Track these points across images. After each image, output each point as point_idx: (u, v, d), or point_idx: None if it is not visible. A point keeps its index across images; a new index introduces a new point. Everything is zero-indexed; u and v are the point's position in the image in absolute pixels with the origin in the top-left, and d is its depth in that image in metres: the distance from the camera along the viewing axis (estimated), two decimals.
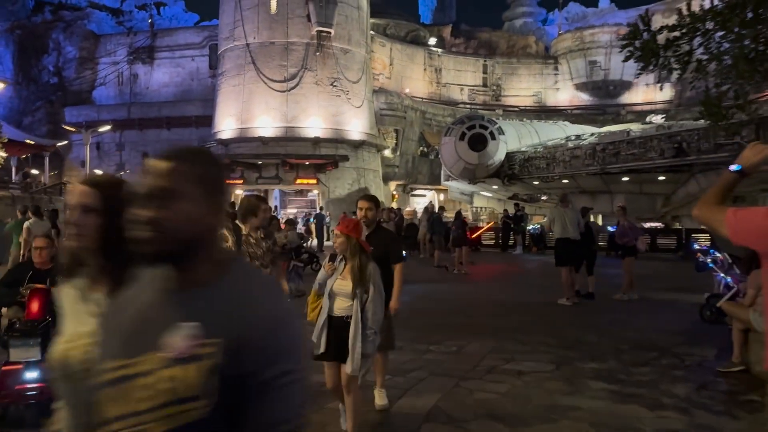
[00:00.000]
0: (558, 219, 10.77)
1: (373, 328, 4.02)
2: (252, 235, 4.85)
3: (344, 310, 4.06)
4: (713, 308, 8.64)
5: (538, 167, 25.81)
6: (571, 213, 10.89)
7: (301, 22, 34.16)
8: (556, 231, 10.72)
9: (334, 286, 4.15)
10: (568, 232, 10.58)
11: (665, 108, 47.57)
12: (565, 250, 10.62)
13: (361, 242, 4.09)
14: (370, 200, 4.97)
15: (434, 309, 10.27)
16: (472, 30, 58.89)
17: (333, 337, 4.11)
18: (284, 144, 33.14)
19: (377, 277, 4.08)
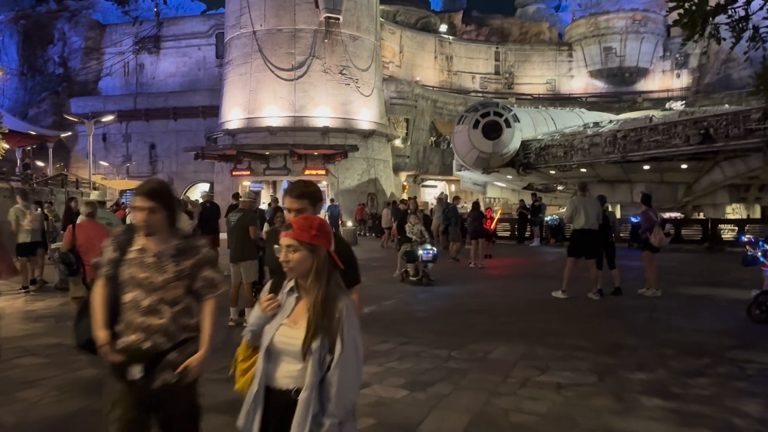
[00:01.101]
0: (580, 208, 10.11)
1: (337, 417, 2.27)
2: None
3: (291, 379, 2.36)
4: (764, 306, 7.81)
5: (555, 156, 24.87)
6: (592, 202, 10.41)
7: (309, 9, 33.31)
8: (578, 221, 10.07)
9: (275, 337, 2.41)
10: (590, 222, 9.99)
11: (683, 95, 46.33)
12: (582, 241, 10.09)
13: (333, 257, 2.43)
14: (302, 197, 3.12)
15: (453, 307, 9.49)
16: (483, 17, 57.74)
17: (272, 424, 2.37)
18: (292, 134, 32.38)
19: (352, 322, 2.40)
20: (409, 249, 12.00)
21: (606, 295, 10.18)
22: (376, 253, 20.18)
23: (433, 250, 11.92)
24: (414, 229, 12.11)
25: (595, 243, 10.14)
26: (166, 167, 41.41)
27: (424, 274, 11.79)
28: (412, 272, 12.03)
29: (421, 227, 12.29)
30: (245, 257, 8.04)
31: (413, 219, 12.31)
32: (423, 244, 11.91)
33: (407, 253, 12.03)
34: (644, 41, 49.71)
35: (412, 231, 12.09)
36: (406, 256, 12.06)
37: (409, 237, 12.07)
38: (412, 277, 11.96)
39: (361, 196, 32.81)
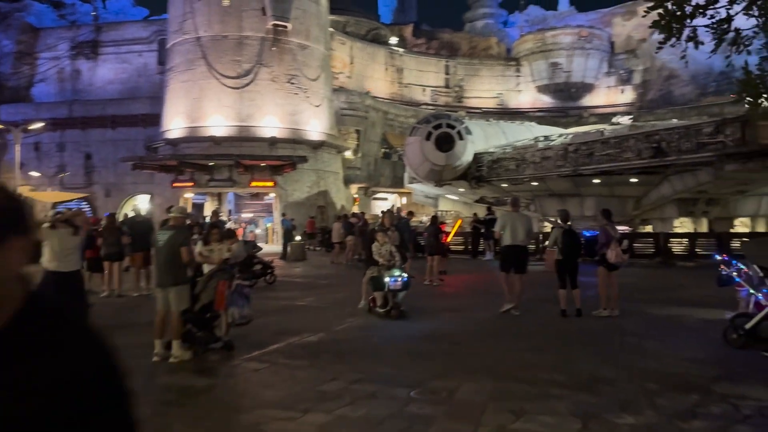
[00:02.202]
0: (508, 224, 10.30)
1: None
2: None
3: None
4: (741, 330, 7.30)
5: (507, 169, 24.57)
6: (521, 218, 10.58)
7: (256, 15, 32.30)
8: (505, 237, 10.28)
9: None
10: (517, 238, 10.18)
11: (627, 111, 47.30)
12: (509, 255, 10.32)
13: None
14: None
15: (410, 332, 8.68)
16: (433, 30, 57.86)
17: None
18: (238, 144, 31.14)
19: None
20: (375, 274, 10.00)
21: (570, 317, 9.63)
22: (325, 269, 19.25)
23: (403, 276, 9.78)
24: (382, 250, 10.16)
25: (522, 258, 10.31)
26: (103, 178, 39.28)
27: (394, 305, 9.67)
28: (379, 302, 9.84)
29: (391, 247, 10.31)
30: (175, 282, 7.02)
31: (381, 237, 10.36)
32: (391, 269, 9.85)
33: (373, 279, 10.03)
34: (590, 57, 50.70)
35: (380, 252, 10.15)
36: (372, 283, 10.05)
37: (375, 260, 10.13)
38: (380, 308, 9.83)
39: (311, 209, 31.79)
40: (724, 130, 16.63)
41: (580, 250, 10.20)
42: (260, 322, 8.95)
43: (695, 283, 14.71)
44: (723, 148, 16.67)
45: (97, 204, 39.09)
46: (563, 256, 10.07)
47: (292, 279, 16.24)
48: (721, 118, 18.67)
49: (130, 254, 12.95)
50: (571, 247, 10.02)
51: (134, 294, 12.51)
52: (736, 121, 16.49)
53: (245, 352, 7.37)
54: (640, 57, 49.71)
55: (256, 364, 6.89)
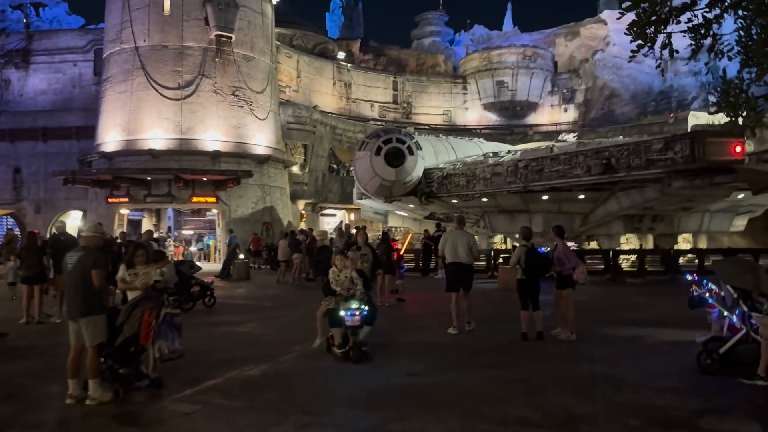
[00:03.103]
0: (449, 241, 10.26)
1: None
2: None
3: None
4: (715, 355, 6.87)
5: (457, 185, 24.18)
6: (463, 236, 10.37)
7: (198, 26, 31.17)
8: (447, 254, 10.26)
9: None
10: (457, 255, 10.07)
11: (570, 129, 48.23)
12: (453, 274, 10.27)
13: None
14: None
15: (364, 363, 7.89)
16: (381, 47, 57.75)
17: None
18: (178, 158, 29.76)
19: None
20: (331, 307, 8.18)
21: (531, 340, 9.10)
22: (271, 289, 18.23)
23: (362, 308, 7.86)
24: (340, 277, 8.30)
25: (464, 275, 10.18)
26: (33, 193, 36.98)
27: (354, 344, 7.74)
28: (337, 341, 8.00)
29: (352, 273, 8.39)
30: (86, 311, 6.04)
31: (340, 260, 8.46)
32: (349, 300, 8.00)
33: (329, 313, 8.19)
34: (534, 76, 51.57)
35: (337, 279, 8.31)
36: (329, 317, 8.20)
37: (333, 289, 8.29)
38: (337, 348, 7.98)
39: (256, 226, 30.62)
40: (673, 146, 16.68)
41: (543, 269, 9.67)
42: (195, 353, 8.01)
43: (649, 300, 14.55)
44: (672, 164, 16.71)
45: (26, 221, 36.74)
46: (525, 276, 9.61)
47: (234, 301, 15.19)
48: (670, 135, 18.82)
49: (51, 276, 11.73)
50: (534, 267, 9.52)
51: (57, 320, 11.25)
52: (685, 138, 16.58)
53: (176, 390, 6.44)
54: (582, 77, 50.90)
55: (187, 406, 5.98)
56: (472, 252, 10.25)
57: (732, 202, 22.84)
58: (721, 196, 20.80)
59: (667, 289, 17.21)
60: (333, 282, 8.34)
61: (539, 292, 9.59)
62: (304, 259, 19.87)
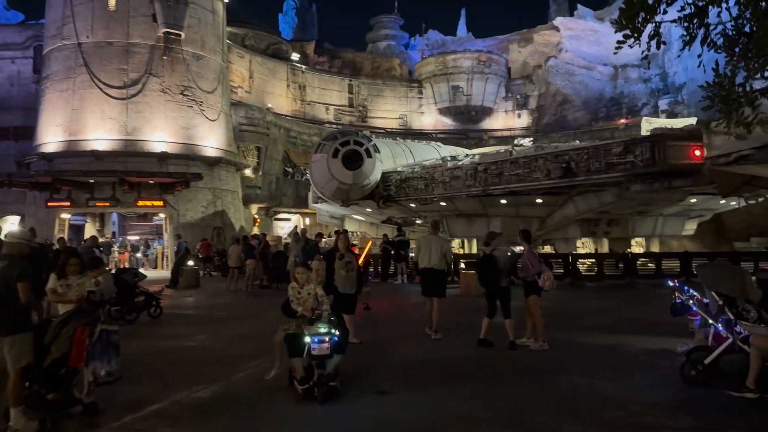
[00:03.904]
0: (422, 246, 10.22)
1: None
2: None
3: None
4: (699, 365, 6.50)
5: (416, 188, 23.73)
6: (436, 241, 10.26)
7: (146, 22, 29.88)
8: (420, 260, 10.23)
9: None
10: (430, 260, 10.03)
11: (524, 134, 48.70)
12: (426, 279, 10.22)
13: None
14: None
15: None
16: (336, 49, 57.17)
17: None
18: (123, 159, 28.37)
19: None
20: (290, 331, 6.45)
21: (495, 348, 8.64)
22: (222, 297, 17.29)
23: (332, 333, 6.26)
24: (302, 294, 6.65)
25: (437, 280, 10.07)
26: None
27: (320, 379, 6.09)
28: (298, 374, 6.26)
29: (318, 289, 6.78)
30: (9, 329, 5.20)
31: (301, 273, 6.76)
32: (315, 322, 6.39)
33: (288, 339, 6.45)
34: (489, 82, 51.93)
35: (299, 298, 6.64)
36: (287, 345, 6.45)
37: (294, 309, 6.60)
38: (299, 383, 6.24)
39: (206, 231, 29.45)
40: (633, 150, 16.64)
41: (498, 275, 9.15)
42: (136, 372, 7.19)
43: (613, 305, 14.37)
44: (632, 168, 16.65)
45: None
46: (481, 283, 9.39)
47: (183, 311, 14.24)
48: (630, 138, 18.85)
49: None
50: (489, 274, 9.11)
51: None
52: (645, 141, 16.54)
53: (114, 417, 5.64)
54: (535, 83, 51.50)
55: None
56: (446, 257, 10.16)
57: (685, 207, 23.17)
58: (676, 200, 21.01)
59: (627, 294, 17.14)
60: (294, 301, 6.64)
61: (509, 298, 9.16)
62: (257, 265, 18.99)
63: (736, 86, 5.52)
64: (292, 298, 6.68)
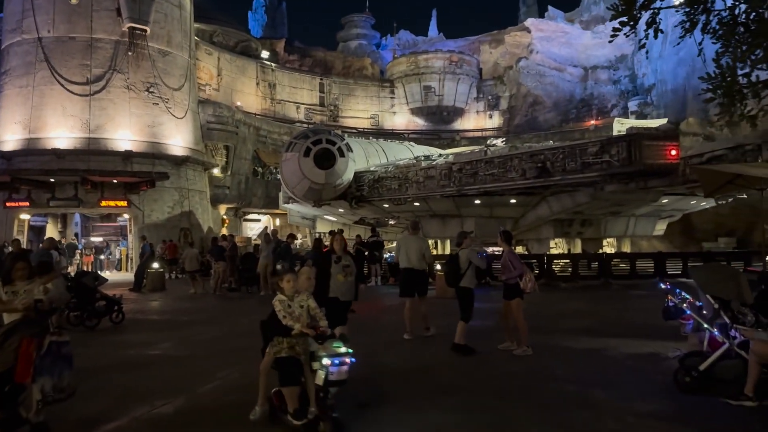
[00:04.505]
0: (402, 247, 10.26)
1: None
2: None
3: None
4: (693, 371, 6.22)
5: (389, 188, 23.33)
6: (416, 241, 10.26)
7: (110, 17, 28.92)
8: (400, 260, 10.29)
9: None
10: (410, 261, 10.05)
11: (496, 135, 48.74)
12: (406, 279, 10.20)
13: None
14: None
15: None
16: (306, 48, 56.48)
17: None
18: (86, 158, 27.36)
19: None
20: (283, 354, 5.24)
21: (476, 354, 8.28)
22: (189, 301, 16.60)
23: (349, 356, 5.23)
24: (293, 307, 5.38)
25: (417, 281, 10.08)
26: None
27: (322, 410, 5.12)
28: (292, 405, 5.14)
29: (310, 299, 5.48)
30: None
31: (289, 283, 5.44)
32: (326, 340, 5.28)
33: (280, 364, 5.25)
34: (460, 82, 51.85)
35: (290, 311, 5.33)
36: (280, 371, 5.26)
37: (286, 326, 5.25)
38: (292, 416, 5.12)
39: (173, 232, 28.58)
40: (609, 149, 16.52)
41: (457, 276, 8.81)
42: (93, 386, 6.61)
43: (591, 307, 14.17)
44: (608, 167, 16.52)
45: None
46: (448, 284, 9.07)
47: (147, 316, 13.57)
48: (606, 137, 18.76)
49: None
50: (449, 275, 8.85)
51: None
52: (621, 141, 16.43)
53: None
54: (506, 83, 51.61)
55: None
56: (425, 257, 10.09)
57: (656, 207, 23.25)
58: (649, 201, 21.02)
59: (603, 295, 17.02)
60: (284, 315, 5.29)
61: (469, 300, 8.75)
62: (226, 267, 18.36)
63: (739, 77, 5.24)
64: (281, 312, 5.31)
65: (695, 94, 34.85)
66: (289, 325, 5.24)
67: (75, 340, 8.30)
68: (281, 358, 5.24)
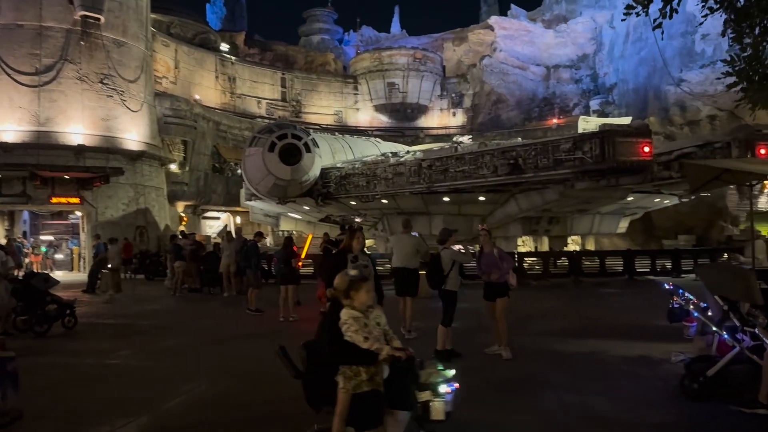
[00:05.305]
0: (394, 246, 10.18)
1: None
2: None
3: None
4: (701, 377, 5.85)
5: (357, 185, 22.72)
6: (408, 239, 10.07)
7: (61, 4, 27.41)
8: (393, 259, 10.16)
9: None
10: (401, 260, 9.90)
11: (459, 132, 48.59)
12: (397, 278, 10.06)
13: None
14: None
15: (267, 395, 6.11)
16: (267, 42, 55.28)
17: None
18: (35, 152, 25.84)
19: None
20: (365, 389, 3.99)
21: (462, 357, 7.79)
22: (147, 303, 15.66)
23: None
24: (370, 324, 4.10)
25: (409, 280, 9.90)
26: None
27: None
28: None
29: (381, 313, 4.29)
30: None
31: (365, 291, 4.13)
32: (427, 365, 4.48)
33: (360, 402, 3.99)
34: (424, 79, 51.55)
35: (367, 329, 4.04)
36: (360, 412, 3.99)
37: (368, 349, 3.94)
38: None
39: (128, 230, 27.33)
40: (582, 146, 16.32)
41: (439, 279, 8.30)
42: (43, 405, 5.85)
43: (568, 305, 13.96)
44: (581, 164, 16.32)
45: None
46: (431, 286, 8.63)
47: (102, 320, 12.64)
48: (578, 134, 18.59)
49: None
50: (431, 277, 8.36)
51: None
52: (594, 137, 16.24)
53: None
54: (470, 81, 51.55)
55: None
56: (420, 253, 9.99)
57: (622, 205, 23.32)
58: (617, 198, 21.01)
59: (575, 293, 16.88)
60: (365, 337, 3.97)
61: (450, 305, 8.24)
62: (188, 267, 17.49)
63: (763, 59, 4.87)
64: (363, 333, 3.96)
65: (656, 93, 35.35)
66: (374, 349, 3.94)
67: (22, 349, 7.50)
68: (361, 394, 3.98)
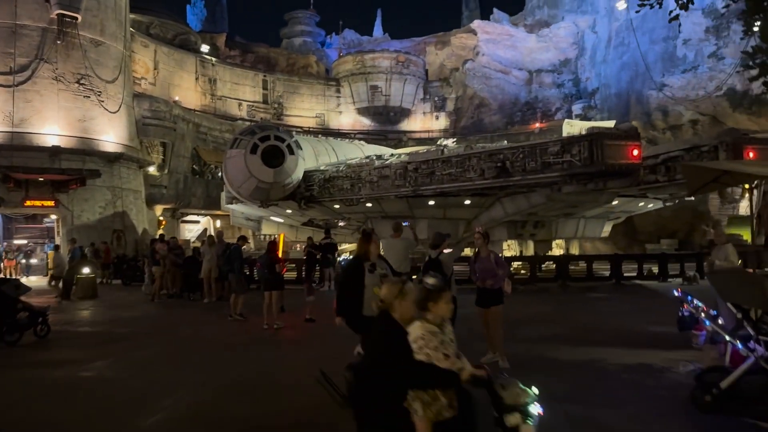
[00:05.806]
0: (386, 251, 9.20)
1: None
2: None
3: None
4: (714, 389, 5.57)
5: (341, 188, 22.31)
6: (399, 244, 9.60)
7: (37, 2, 26.81)
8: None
9: None
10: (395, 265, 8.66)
11: (442, 136, 48.44)
12: None
13: None
14: None
15: (254, 408, 5.71)
16: (248, 43, 54.72)
17: None
18: (8, 154, 25.13)
19: None
20: (447, 415, 3.44)
21: None
22: (124, 310, 15.05)
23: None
24: (445, 341, 3.53)
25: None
26: None
27: None
28: None
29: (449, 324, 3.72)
30: None
31: (445, 304, 3.63)
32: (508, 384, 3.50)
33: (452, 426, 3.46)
34: (407, 83, 51.39)
35: (441, 347, 3.47)
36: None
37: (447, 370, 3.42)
38: None
39: (105, 233, 26.62)
40: (570, 149, 16.12)
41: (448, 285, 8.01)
42: (12, 420, 5.39)
43: (558, 310, 13.72)
44: (569, 167, 16.12)
45: None
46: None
47: (77, 328, 12.09)
48: (567, 137, 18.41)
49: None
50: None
51: None
52: (583, 140, 16.04)
53: None
54: (452, 85, 51.49)
55: None
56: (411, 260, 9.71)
57: (607, 209, 23.24)
58: (603, 202, 20.88)
59: (564, 298, 16.62)
60: (445, 355, 3.47)
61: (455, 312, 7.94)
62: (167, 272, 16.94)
63: None
64: (441, 350, 3.43)
65: (638, 97, 35.50)
66: (456, 369, 3.38)
67: None
68: (444, 422, 3.36)
